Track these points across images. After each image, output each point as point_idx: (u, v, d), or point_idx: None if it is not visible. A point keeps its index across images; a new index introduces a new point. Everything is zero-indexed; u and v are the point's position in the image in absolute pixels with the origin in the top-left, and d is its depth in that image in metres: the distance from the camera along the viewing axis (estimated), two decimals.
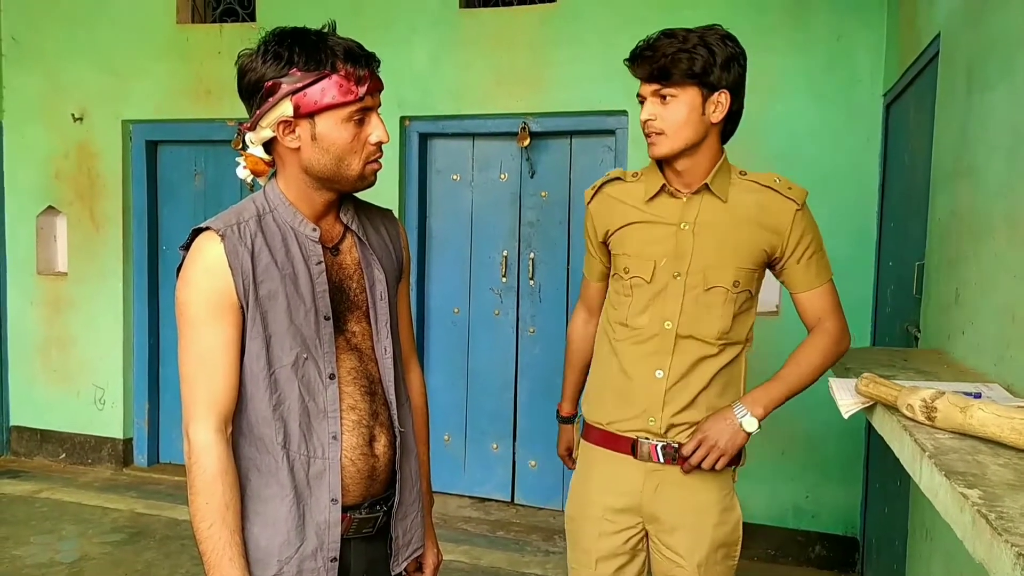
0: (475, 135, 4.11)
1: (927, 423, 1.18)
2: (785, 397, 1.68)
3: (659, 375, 1.68)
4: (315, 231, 1.36)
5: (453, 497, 4.17)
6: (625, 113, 3.67)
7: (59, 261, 4.81)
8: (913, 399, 1.20)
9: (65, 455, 4.77)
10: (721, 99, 1.60)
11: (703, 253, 1.66)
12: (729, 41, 1.61)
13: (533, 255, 4.06)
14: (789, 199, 1.65)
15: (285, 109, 1.27)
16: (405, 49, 3.94)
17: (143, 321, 4.63)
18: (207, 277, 1.28)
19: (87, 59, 4.54)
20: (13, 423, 4.87)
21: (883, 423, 1.33)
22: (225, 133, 4.26)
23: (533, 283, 4.07)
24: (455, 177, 4.18)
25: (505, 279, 4.12)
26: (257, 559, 1.31)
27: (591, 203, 1.81)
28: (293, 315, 1.32)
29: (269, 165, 1.37)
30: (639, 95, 1.65)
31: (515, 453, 4.14)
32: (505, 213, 4.10)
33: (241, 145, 1.36)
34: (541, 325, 4.06)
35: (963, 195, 1.92)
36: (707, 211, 1.67)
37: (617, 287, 1.77)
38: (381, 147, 1.36)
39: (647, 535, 1.77)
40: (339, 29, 1.34)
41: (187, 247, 1.32)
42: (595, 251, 1.84)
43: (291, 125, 1.29)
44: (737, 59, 1.61)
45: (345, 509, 1.36)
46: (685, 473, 1.69)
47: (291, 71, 1.26)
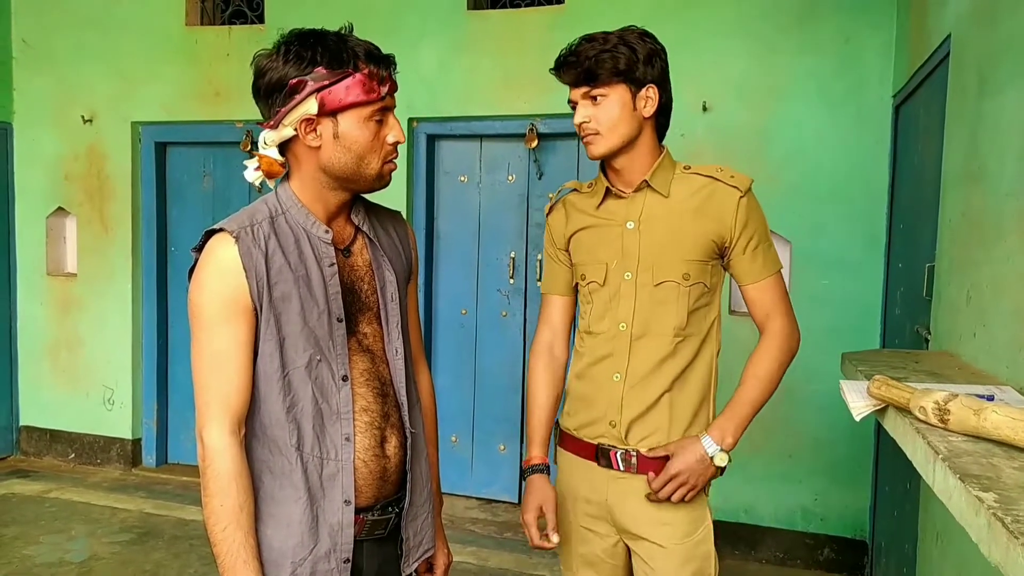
0: (483, 136, 4.12)
1: (940, 426, 1.17)
2: (751, 418, 1.64)
3: (616, 378, 1.66)
4: (327, 233, 1.37)
5: (460, 498, 4.17)
6: None
7: (68, 262, 4.84)
8: (926, 401, 1.20)
9: (74, 455, 4.80)
10: (650, 93, 1.61)
11: (649, 250, 1.65)
12: (647, 37, 1.62)
13: (540, 257, 4.06)
14: (732, 187, 1.63)
15: (309, 107, 1.28)
16: (413, 50, 3.95)
17: (152, 322, 4.65)
18: (221, 278, 1.27)
19: (96, 61, 4.57)
20: (23, 423, 4.90)
21: (895, 426, 1.32)
22: (234, 135, 4.26)
23: (540, 285, 4.06)
24: (463, 178, 4.18)
25: (513, 280, 4.12)
26: (271, 561, 1.31)
27: (549, 215, 1.84)
28: (307, 317, 1.32)
29: (282, 167, 1.37)
30: (570, 101, 1.65)
31: (522, 454, 4.13)
32: (513, 214, 4.10)
33: (250, 147, 1.37)
34: None
35: (974, 197, 1.91)
36: (650, 207, 1.66)
37: (581, 297, 1.78)
38: (397, 148, 1.37)
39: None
40: None
41: (200, 249, 1.32)
42: (559, 257, 1.83)
43: (313, 123, 1.30)
44: (658, 54, 1.62)
45: (357, 511, 1.36)
46: (651, 502, 1.64)
47: (316, 69, 1.27)
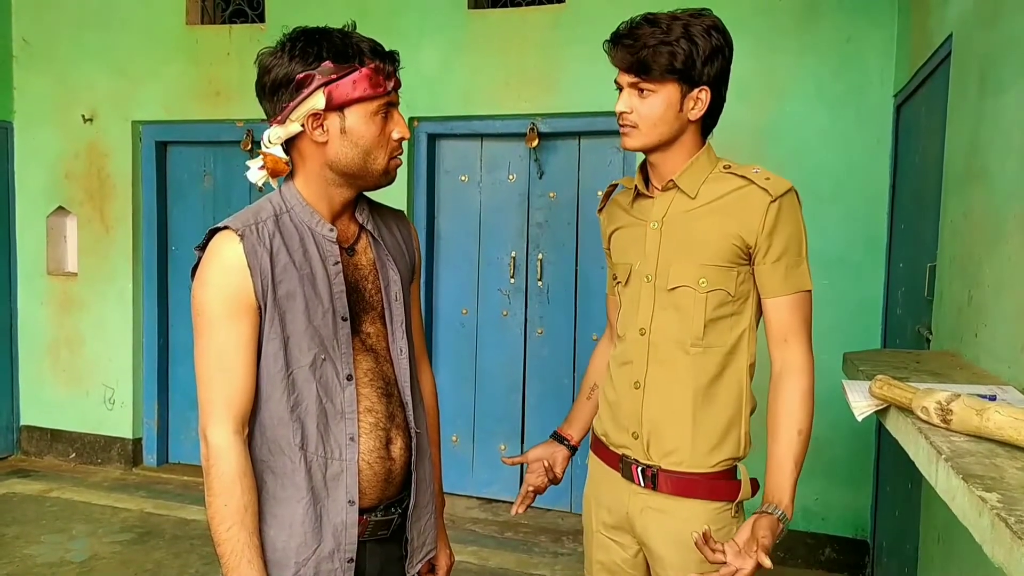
0: (484, 136, 4.11)
1: (942, 426, 1.17)
2: (799, 475, 1.50)
3: (636, 386, 1.58)
4: (332, 231, 1.37)
5: (461, 498, 4.17)
6: None
7: (69, 261, 4.83)
8: (928, 401, 1.20)
9: (75, 455, 4.80)
10: (701, 96, 1.49)
11: (667, 251, 1.55)
12: (715, 32, 1.48)
13: (541, 256, 4.06)
14: (763, 189, 1.48)
15: (317, 101, 1.28)
16: (414, 50, 3.94)
17: (152, 321, 4.65)
18: (225, 277, 1.27)
19: (97, 60, 4.56)
20: (23, 423, 4.89)
21: (897, 426, 1.32)
22: (234, 134, 4.24)
23: (541, 284, 4.07)
24: (463, 178, 4.18)
25: (513, 280, 4.12)
26: (274, 561, 1.31)
27: (601, 212, 1.77)
28: (311, 316, 1.32)
29: (287, 165, 1.36)
30: (616, 82, 1.53)
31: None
32: (513, 214, 4.10)
33: (250, 147, 1.37)
34: (549, 326, 4.05)
35: (976, 197, 1.91)
36: (675, 207, 1.56)
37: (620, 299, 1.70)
38: (402, 144, 1.37)
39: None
40: None
41: (203, 247, 1.32)
42: (608, 256, 1.77)
43: (320, 118, 1.30)
44: (722, 51, 1.49)
45: (361, 512, 1.36)
46: (673, 519, 1.54)
47: (323, 64, 1.28)
